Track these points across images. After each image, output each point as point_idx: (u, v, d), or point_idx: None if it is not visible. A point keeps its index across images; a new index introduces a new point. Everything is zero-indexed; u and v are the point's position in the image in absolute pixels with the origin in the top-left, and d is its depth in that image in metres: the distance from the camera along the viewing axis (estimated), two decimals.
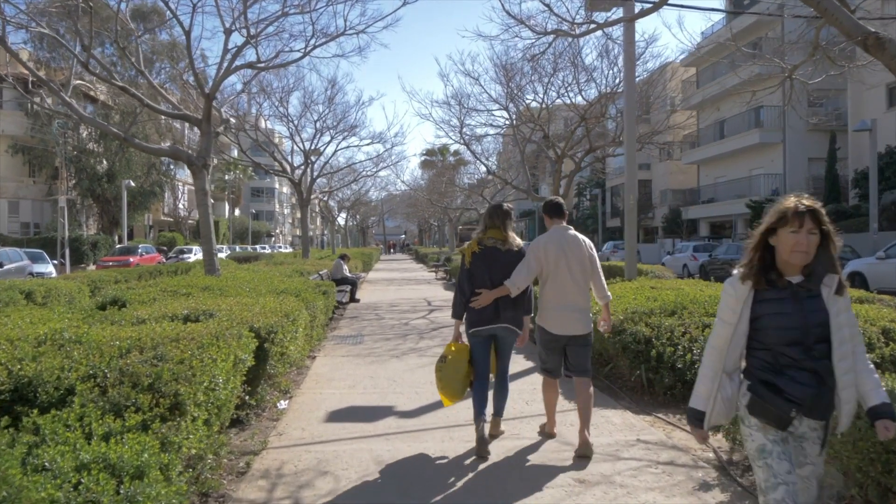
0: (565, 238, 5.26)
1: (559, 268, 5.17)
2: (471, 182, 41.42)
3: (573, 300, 5.18)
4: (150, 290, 9.39)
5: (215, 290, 9.29)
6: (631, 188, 11.33)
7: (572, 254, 5.19)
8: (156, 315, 6.34)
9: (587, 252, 5.25)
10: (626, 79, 11.33)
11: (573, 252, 5.20)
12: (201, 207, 11.33)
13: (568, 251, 5.18)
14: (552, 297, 5.22)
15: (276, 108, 23.56)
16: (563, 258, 5.16)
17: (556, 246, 5.19)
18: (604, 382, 7.54)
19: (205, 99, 11.21)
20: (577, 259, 5.19)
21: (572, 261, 5.17)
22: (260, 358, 5.82)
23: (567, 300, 5.16)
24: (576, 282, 5.19)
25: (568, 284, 5.17)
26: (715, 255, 28.07)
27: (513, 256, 5.27)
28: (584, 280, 5.24)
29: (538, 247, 5.23)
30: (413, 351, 9.82)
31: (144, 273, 17.78)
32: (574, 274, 5.18)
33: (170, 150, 11.62)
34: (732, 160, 41.29)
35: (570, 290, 5.17)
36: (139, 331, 4.65)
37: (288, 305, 7.24)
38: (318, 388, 7.38)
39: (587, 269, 5.25)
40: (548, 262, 5.18)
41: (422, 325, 12.89)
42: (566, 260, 5.16)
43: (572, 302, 5.17)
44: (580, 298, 5.22)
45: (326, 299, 11.30)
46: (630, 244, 11.42)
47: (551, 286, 5.22)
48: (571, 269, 5.17)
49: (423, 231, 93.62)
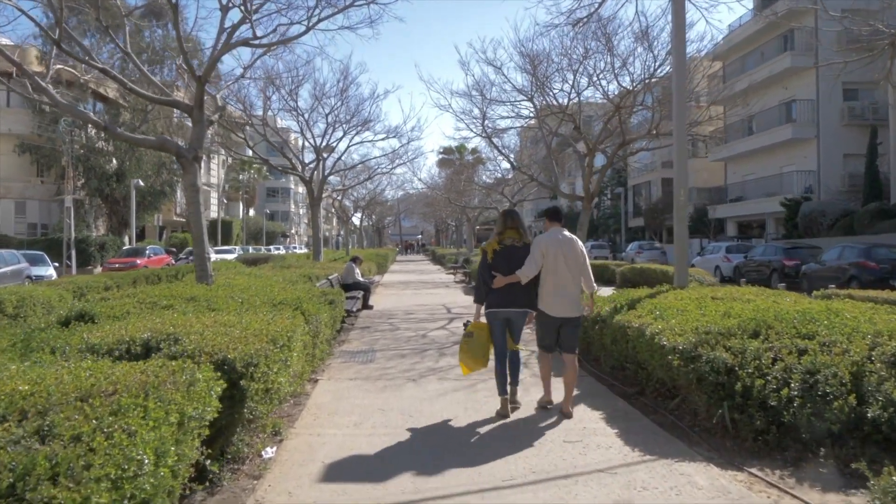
0: (562, 238, 6.36)
1: (557, 262, 6.25)
2: (490, 180, 39.92)
3: (568, 289, 6.28)
4: (126, 301, 8.06)
5: (201, 303, 7.95)
6: (682, 181, 9.87)
7: (568, 251, 6.29)
8: (110, 340, 5.02)
9: (579, 250, 6.38)
10: (675, 51, 9.84)
11: (568, 250, 6.30)
12: (192, 206, 9.98)
13: (564, 249, 6.29)
14: (550, 287, 6.28)
15: (286, 100, 22.21)
16: (561, 255, 6.25)
17: (554, 245, 6.28)
18: (668, 418, 6.10)
19: (196, 82, 9.86)
20: (571, 256, 6.30)
21: (568, 257, 6.27)
22: (234, 400, 4.45)
23: (562, 289, 6.26)
24: (571, 274, 6.29)
25: (563, 276, 6.26)
26: (750, 256, 26.41)
27: (527, 251, 6.36)
28: (576, 273, 6.34)
29: (540, 244, 6.28)
30: (432, 372, 8.42)
31: (140, 278, 16.53)
32: (570, 267, 6.28)
33: (157, 140, 10.28)
34: (762, 157, 39.53)
35: (565, 281, 6.26)
36: (46, 376, 3.27)
37: (279, 325, 5.86)
38: (317, 427, 5.99)
39: (579, 264, 6.36)
40: (548, 257, 6.24)
41: (441, 337, 11.49)
42: (563, 256, 6.25)
43: (567, 290, 6.27)
44: (573, 287, 6.32)
45: (333, 310, 9.93)
46: (681, 246, 9.97)
47: (550, 277, 6.28)
48: (568, 263, 6.26)
49: (440, 231, 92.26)
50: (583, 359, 9.00)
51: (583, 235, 16.70)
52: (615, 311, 7.97)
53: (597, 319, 8.25)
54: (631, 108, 15.66)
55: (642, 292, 9.57)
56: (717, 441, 5.41)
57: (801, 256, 22.98)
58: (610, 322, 7.74)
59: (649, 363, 6.51)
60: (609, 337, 7.71)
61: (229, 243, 58.63)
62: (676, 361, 5.70)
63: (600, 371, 8.26)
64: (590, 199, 16.60)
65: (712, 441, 5.43)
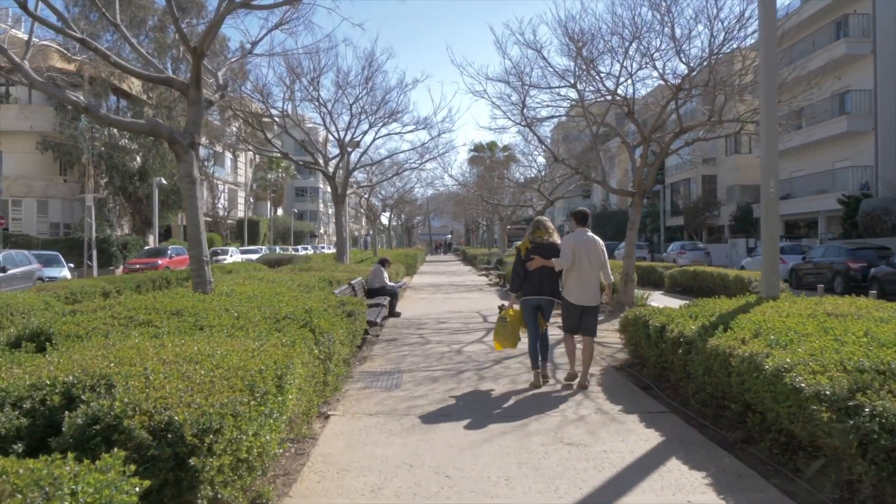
0: (586, 238, 7.53)
1: (580, 259, 7.39)
2: (523, 178, 38.14)
3: (589, 281, 7.46)
4: (97, 316, 6.58)
5: (187, 318, 6.46)
6: (771, 169, 8.13)
7: (591, 249, 7.45)
8: (21, 386, 3.53)
9: (600, 249, 7.54)
10: (763, 13, 8.10)
11: (591, 248, 7.46)
12: (188, 200, 8.48)
13: (588, 247, 7.44)
14: (574, 279, 7.45)
15: (307, 90, 20.69)
16: (584, 252, 7.40)
17: (580, 243, 7.45)
18: (802, 486, 4.43)
19: (192, 55, 8.36)
20: (593, 254, 7.45)
21: (591, 254, 7.43)
22: (182, 486, 2.90)
23: (584, 281, 7.45)
24: (592, 269, 7.45)
25: (586, 270, 7.42)
26: (809, 257, 24.37)
27: (554, 247, 7.66)
28: (597, 268, 7.50)
29: (569, 242, 7.48)
30: (470, 404, 6.81)
31: (147, 281, 15.15)
32: (592, 263, 7.43)
33: (147, 124, 8.80)
34: (813, 152, 37.16)
35: (587, 275, 7.43)
36: None
37: (268, 357, 4.30)
38: (321, 495, 4.41)
39: (600, 261, 7.51)
40: (573, 254, 7.37)
41: (479, 353, 9.89)
42: (586, 254, 7.41)
43: (588, 282, 7.46)
44: (593, 281, 7.49)
45: (352, 323, 8.38)
46: (771, 247, 8.22)
47: (574, 271, 7.43)
48: (590, 260, 7.42)
49: (470, 231, 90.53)
50: (654, 384, 7.35)
51: (634, 235, 14.98)
52: (704, 331, 6.29)
53: (679, 340, 6.57)
54: (690, 91, 13.87)
55: (725, 304, 7.89)
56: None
57: (868, 258, 20.89)
58: (700, 346, 6.04)
59: (770, 407, 4.82)
60: (700, 365, 6.01)
61: (256, 243, 57.61)
62: (826, 414, 4.02)
63: (684, 405, 6.56)
64: (641, 194, 14.86)
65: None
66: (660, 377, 7.56)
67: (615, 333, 11.95)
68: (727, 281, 16.72)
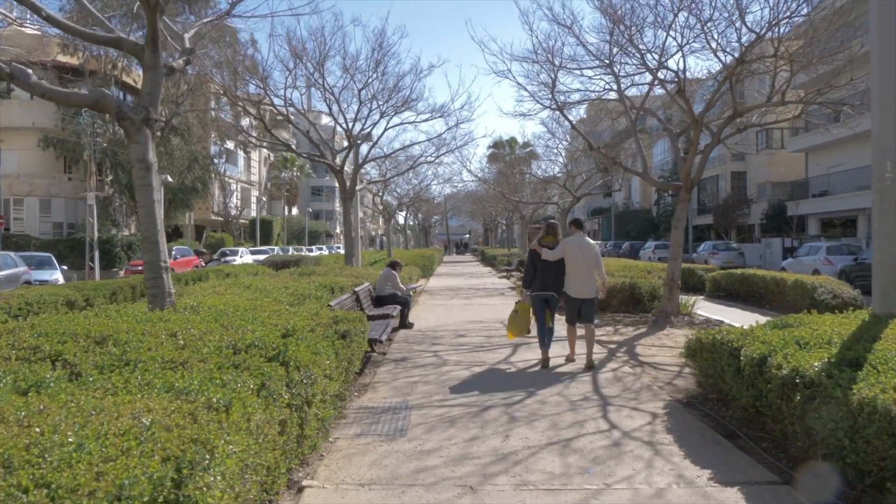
0: (582, 242, 8.89)
1: (578, 259, 8.75)
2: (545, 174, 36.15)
3: (585, 277, 8.81)
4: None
5: (110, 349, 4.71)
6: (886, 151, 6.25)
7: (586, 252, 8.81)
8: None
9: (594, 251, 8.92)
10: None
11: (586, 251, 8.82)
12: (141, 190, 6.71)
13: (583, 250, 8.80)
14: (573, 276, 8.83)
15: (311, 76, 18.87)
16: (581, 254, 8.78)
17: (577, 246, 8.82)
18: None
19: (146, 9, 6.62)
20: (589, 255, 8.82)
21: (587, 255, 8.80)
22: None
23: (581, 277, 8.80)
24: (588, 268, 8.82)
25: (582, 269, 8.79)
26: (861, 257, 22.29)
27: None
28: (591, 266, 8.85)
29: (565, 245, 8.90)
30: (499, 461, 4.98)
31: (125, 288, 13.41)
32: (587, 263, 8.79)
33: (91, 95, 7.06)
34: (852, 146, 34.84)
35: (583, 272, 8.80)
36: None
37: (170, 439, 2.51)
38: None
39: (593, 262, 8.85)
40: (572, 254, 8.78)
41: (507, 379, 8.07)
42: (583, 255, 8.77)
43: (584, 278, 8.81)
44: (588, 277, 8.83)
45: (348, 346, 6.60)
46: (886, 250, 6.35)
47: (573, 269, 8.82)
48: (587, 260, 8.79)
49: (489, 230, 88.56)
50: (745, 434, 5.50)
51: (680, 235, 13.16)
52: (830, 369, 4.42)
53: (793, 381, 4.68)
54: (748, 68, 11.91)
55: (829, 321, 6.04)
56: None
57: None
58: (839, 395, 4.15)
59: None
60: (843, 423, 4.07)
61: (269, 243, 55.96)
62: None
63: (792, 467, 4.68)
64: (689, 187, 12.96)
65: None
66: (750, 420, 5.71)
67: (665, 350, 10.08)
68: (784, 286, 14.75)
